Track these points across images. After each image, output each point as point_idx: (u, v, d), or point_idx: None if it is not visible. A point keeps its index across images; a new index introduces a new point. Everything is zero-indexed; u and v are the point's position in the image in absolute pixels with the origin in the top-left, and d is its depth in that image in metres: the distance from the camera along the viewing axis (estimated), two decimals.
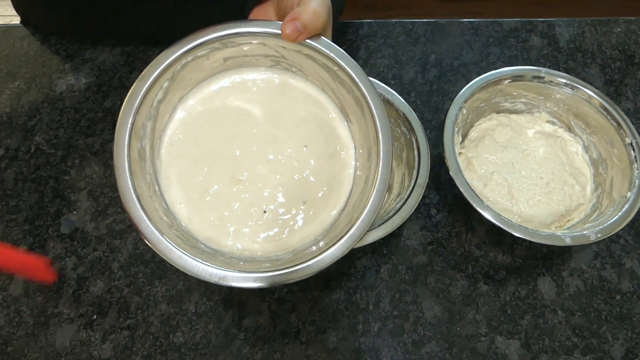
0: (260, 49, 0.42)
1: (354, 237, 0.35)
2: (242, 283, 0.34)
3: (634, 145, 0.50)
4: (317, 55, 0.40)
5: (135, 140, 0.38)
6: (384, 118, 0.38)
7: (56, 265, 0.51)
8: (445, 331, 0.48)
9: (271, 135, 0.42)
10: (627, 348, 0.47)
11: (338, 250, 0.35)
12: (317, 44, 0.39)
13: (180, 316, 0.48)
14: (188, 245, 0.37)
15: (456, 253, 0.52)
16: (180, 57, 0.40)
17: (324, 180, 0.41)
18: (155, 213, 0.36)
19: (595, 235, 0.44)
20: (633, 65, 0.66)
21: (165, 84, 0.41)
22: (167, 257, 0.35)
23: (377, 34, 0.68)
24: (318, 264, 0.35)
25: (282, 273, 0.34)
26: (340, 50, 0.40)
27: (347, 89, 0.41)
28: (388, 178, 0.37)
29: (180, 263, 0.35)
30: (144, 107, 0.39)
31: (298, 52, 0.41)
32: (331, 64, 0.40)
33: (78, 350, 0.47)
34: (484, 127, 0.57)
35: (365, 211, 0.36)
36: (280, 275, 0.34)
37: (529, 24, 0.69)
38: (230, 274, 0.34)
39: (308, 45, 0.39)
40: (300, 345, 0.47)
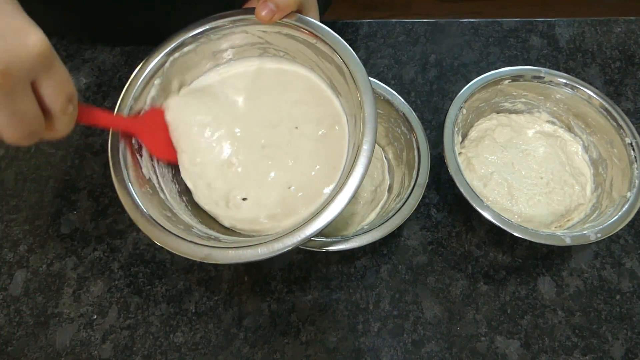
0: (244, 37, 0.43)
1: (341, 203, 0.34)
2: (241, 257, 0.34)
3: (634, 145, 0.50)
4: (296, 33, 0.41)
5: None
6: (365, 81, 0.38)
7: (56, 265, 0.51)
8: (445, 331, 0.48)
9: (267, 120, 0.43)
10: (627, 348, 0.47)
11: (327, 216, 0.34)
12: (294, 20, 0.40)
13: (180, 316, 0.48)
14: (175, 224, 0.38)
15: (456, 253, 0.52)
16: (167, 55, 0.42)
17: (317, 159, 0.41)
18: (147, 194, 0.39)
19: (595, 235, 0.44)
20: (633, 65, 0.66)
21: (157, 81, 0.42)
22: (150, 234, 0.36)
23: (377, 34, 0.68)
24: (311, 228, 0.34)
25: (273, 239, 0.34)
26: (317, 22, 0.41)
27: (329, 60, 0.42)
28: (374, 140, 0.36)
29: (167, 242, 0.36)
30: (138, 103, 0.41)
31: (279, 34, 0.42)
32: (310, 38, 0.41)
33: (78, 350, 0.47)
34: (484, 127, 0.57)
35: (352, 174, 0.35)
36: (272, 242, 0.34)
37: (529, 24, 0.69)
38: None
39: (285, 23, 0.41)
40: (300, 345, 0.47)
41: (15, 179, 0.56)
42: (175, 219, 0.39)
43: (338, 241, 0.44)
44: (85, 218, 0.54)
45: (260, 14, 0.39)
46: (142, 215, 0.37)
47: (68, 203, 0.55)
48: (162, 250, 0.52)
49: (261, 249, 0.34)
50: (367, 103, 0.37)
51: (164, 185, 0.42)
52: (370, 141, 0.36)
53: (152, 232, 0.36)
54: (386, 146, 0.57)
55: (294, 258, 0.51)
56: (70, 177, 0.56)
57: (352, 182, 0.35)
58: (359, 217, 0.52)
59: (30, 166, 0.57)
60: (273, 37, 0.43)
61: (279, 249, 0.34)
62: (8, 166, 0.57)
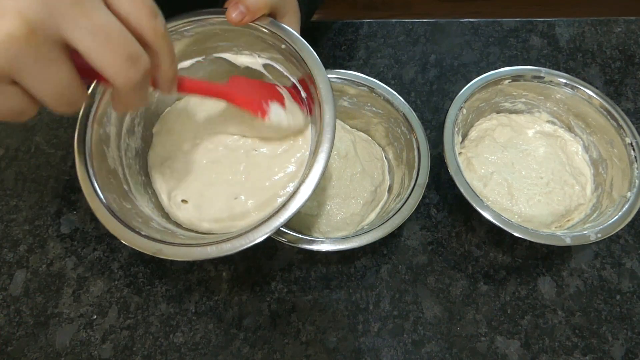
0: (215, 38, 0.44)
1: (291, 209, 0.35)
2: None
3: (634, 145, 0.50)
4: (265, 36, 0.42)
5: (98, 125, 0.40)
6: (327, 90, 0.39)
7: (56, 265, 0.51)
8: (445, 331, 0.48)
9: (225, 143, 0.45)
10: (627, 348, 0.47)
11: (277, 220, 0.35)
12: (265, 25, 0.41)
13: (180, 316, 0.48)
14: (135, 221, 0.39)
15: (456, 253, 0.52)
16: None
17: (272, 172, 0.43)
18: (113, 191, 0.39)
19: (595, 235, 0.44)
20: (633, 65, 0.66)
21: None
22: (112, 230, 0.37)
23: (377, 34, 0.68)
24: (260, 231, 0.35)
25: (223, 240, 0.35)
26: (287, 28, 0.41)
27: (297, 67, 0.42)
28: (330, 149, 0.37)
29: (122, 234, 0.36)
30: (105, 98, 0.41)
31: (250, 36, 0.43)
32: (278, 42, 0.42)
33: (78, 350, 0.47)
34: (484, 127, 0.57)
35: (305, 181, 0.36)
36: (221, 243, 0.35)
37: (529, 24, 0.69)
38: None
39: (254, 27, 0.41)
40: (300, 345, 0.47)
41: (15, 179, 0.56)
42: (135, 211, 0.40)
43: (338, 241, 0.44)
44: (85, 218, 0.54)
45: (230, 16, 0.39)
46: (102, 206, 0.37)
47: (68, 203, 0.55)
48: None
49: (210, 248, 0.35)
50: (327, 112, 0.38)
51: (130, 176, 0.43)
52: (326, 150, 0.37)
53: (109, 224, 0.37)
54: (386, 146, 0.57)
55: (294, 258, 0.51)
56: (70, 177, 0.56)
57: (305, 189, 0.35)
58: (359, 217, 0.52)
59: (30, 166, 0.57)
60: (245, 39, 0.44)
61: (228, 249, 0.34)
62: (8, 166, 0.57)
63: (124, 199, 0.40)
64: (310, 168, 0.36)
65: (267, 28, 0.41)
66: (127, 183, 0.42)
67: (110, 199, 0.38)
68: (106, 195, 0.38)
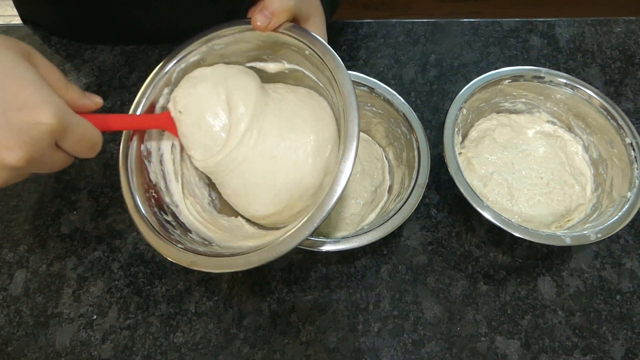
0: (244, 46, 0.44)
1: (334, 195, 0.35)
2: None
3: (634, 145, 0.50)
4: (291, 41, 0.42)
5: (140, 142, 0.43)
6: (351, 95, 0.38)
7: (56, 265, 0.51)
8: (445, 331, 0.48)
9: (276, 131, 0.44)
10: (627, 348, 0.47)
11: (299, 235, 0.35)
12: (287, 30, 0.41)
13: (180, 316, 0.48)
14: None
15: (456, 253, 0.52)
16: (175, 65, 0.43)
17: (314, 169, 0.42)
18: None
19: (595, 235, 0.44)
20: (633, 65, 0.66)
21: (165, 90, 0.44)
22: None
23: (377, 34, 0.68)
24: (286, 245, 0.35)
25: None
26: (311, 34, 0.41)
27: (321, 70, 0.41)
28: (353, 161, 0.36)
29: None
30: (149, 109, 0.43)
31: (275, 43, 0.43)
32: (303, 48, 0.41)
33: (78, 350, 0.47)
34: (484, 127, 0.57)
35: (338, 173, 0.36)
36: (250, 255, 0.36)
37: (529, 24, 0.69)
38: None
39: (282, 33, 0.41)
40: (300, 345, 0.47)
41: None
42: (175, 223, 0.41)
43: (338, 241, 0.44)
44: (85, 218, 0.54)
45: (256, 23, 0.40)
46: (143, 220, 0.39)
47: (68, 203, 0.55)
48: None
49: (240, 259, 0.36)
50: (351, 122, 0.37)
51: (171, 186, 0.44)
52: (350, 162, 0.36)
53: (149, 237, 0.39)
54: (387, 146, 0.57)
55: (294, 258, 0.51)
56: (70, 177, 0.56)
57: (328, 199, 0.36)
58: (359, 218, 0.52)
59: None
60: (271, 46, 0.44)
61: (256, 261, 0.35)
62: None
63: (164, 210, 0.42)
64: (335, 179, 0.36)
65: (289, 34, 0.41)
66: (169, 194, 0.43)
67: (149, 211, 0.40)
68: (146, 208, 0.40)
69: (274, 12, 0.39)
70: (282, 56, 0.44)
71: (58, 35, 0.66)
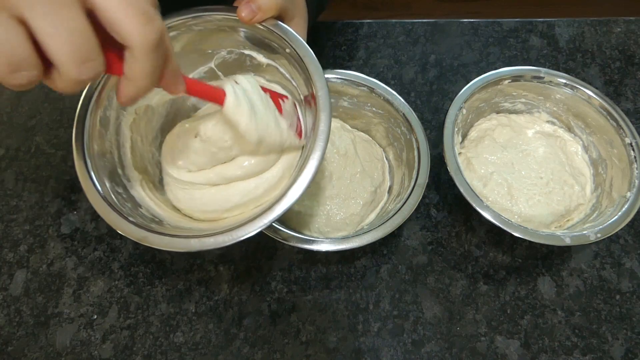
0: (223, 34, 0.44)
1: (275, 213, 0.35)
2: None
3: (634, 145, 0.50)
4: (273, 38, 0.42)
5: (99, 108, 0.41)
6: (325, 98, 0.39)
7: (56, 265, 0.51)
8: (445, 331, 0.48)
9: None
10: (626, 348, 0.47)
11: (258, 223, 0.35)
12: (270, 26, 0.41)
13: (180, 316, 0.48)
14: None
15: (456, 253, 0.52)
16: None
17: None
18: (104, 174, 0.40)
19: (595, 235, 0.44)
20: (633, 66, 0.66)
21: None
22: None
23: (377, 34, 0.68)
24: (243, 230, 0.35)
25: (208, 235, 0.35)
26: (292, 31, 0.41)
27: (299, 71, 0.42)
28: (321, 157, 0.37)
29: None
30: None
31: (255, 36, 0.43)
32: (283, 45, 0.42)
33: (78, 350, 0.47)
34: (484, 127, 0.57)
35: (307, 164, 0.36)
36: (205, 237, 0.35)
37: (528, 24, 0.69)
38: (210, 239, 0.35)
39: (262, 28, 0.41)
40: (300, 345, 0.47)
41: (16, 179, 0.56)
42: (126, 196, 0.41)
43: (338, 241, 0.44)
44: (85, 218, 0.54)
45: (241, 14, 0.40)
46: (95, 190, 0.38)
47: (68, 203, 0.55)
48: (162, 250, 0.52)
49: (194, 241, 0.35)
50: (322, 121, 0.38)
51: (125, 158, 0.43)
52: (318, 157, 0.37)
53: (99, 206, 0.38)
54: (387, 147, 0.57)
55: (294, 258, 0.51)
56: (70, 177, 0.56)
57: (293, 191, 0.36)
58: (359, 218, 0.52)
59: (30, 166, 0.57)
60: (251, 37, 0.44)
61: (210, 244, 0.35)
62: (8, 166, 0.57)
63: (116, 182, 0.41)
64: (301, 170, 0.36)
65: (272, 30, 0.41)
66: (121, 166, 0.42)
67: (102, 181, 0.39)
68: (99, 179, 0.39)
69: (260, 7, 0.40)
70: (259, 50, 0.45)
71: None
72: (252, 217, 0.36)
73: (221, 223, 0.41)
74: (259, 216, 0.35)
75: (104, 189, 0.38)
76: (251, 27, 0.42)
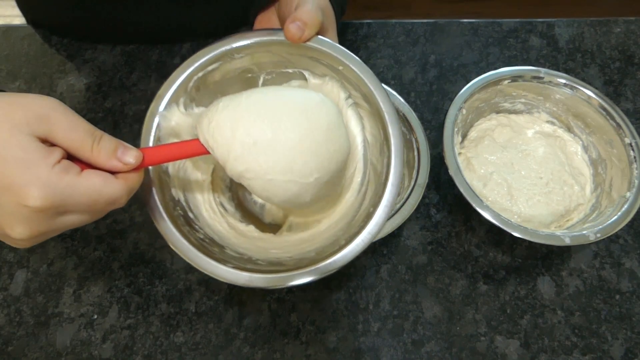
0: (268, 57, 0.43)
1: (371, 231, 0.35)
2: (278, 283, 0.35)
3: (633, 146, 0.50)
4: (321, 56, 0.41)
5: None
6: (392, 112, 0.38)
7: (57, 265, 0.51)
8: (445, 331, 0.48)
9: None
10: (626, 348, 0.47)
11: (358, 246, 0.35)
12: (320, 44, 0.40)
13: (180, 316, 0.49)
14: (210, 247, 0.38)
15: (456, 253, 0.52)
16: (191, 74, 0.41)
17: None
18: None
19: (595, 235, 0.45)
20: (632, 66, 0.66)
21: (181, 99, 0.41)
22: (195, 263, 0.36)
23: (377, 34, 0.68)
24: (342, 259, 0.35)
25: (302, 272, 0.35)
26: (343, 49, 0.40)
27: (354, 87, 0.41)
28: (401, 173, 0.36)
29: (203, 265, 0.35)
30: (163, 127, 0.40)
31: (303, 56, 0.42)
32: (335, 63, 0.40)
33: (78, 349, 0.47)
34: (484, 127, 0.57)
35: (380, 204, 0.36)
36: (300, 275, 0.35)
37: (528, 24, 0.69)
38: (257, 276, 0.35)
39: (311, 46, 0.40)
40: (300, 345, 0.47)
41: None
42: (209, 240, 0.39)
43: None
44: None
45: (289, 33, 0.39)
46: (182, 244, 0.36)
47: None
48: (162, 250, 0.52)
49: (297, 274, 0.35)
50: (394, 136, 0.37)
51: (193, 201, 0.42)
52: (398, 173, 0.36)
53: (194, 259, 0.36)
54: None
55: None
56: None
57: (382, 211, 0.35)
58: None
59: None
60: (297, 59, 0.42)
61: (318, 272, 0.35)
62: None
63: (194, 229, 0.39)
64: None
65: (320, 48, 0.40)
66: (191, 211, 0.41)
67: (183, 232, 0.37)
68: (180, 230, 0.37)
69: (306, 23, 0.39)
70: (304, 68, 0.43)
71: (58, 35, 0.66)
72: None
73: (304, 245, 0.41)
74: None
75: (192, 240, 0.37)
76: (297, 45, 0.40)
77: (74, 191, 0.30)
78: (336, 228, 0.41)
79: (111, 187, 0.31)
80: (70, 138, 0.31)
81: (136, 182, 0.33)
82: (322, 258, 0.35)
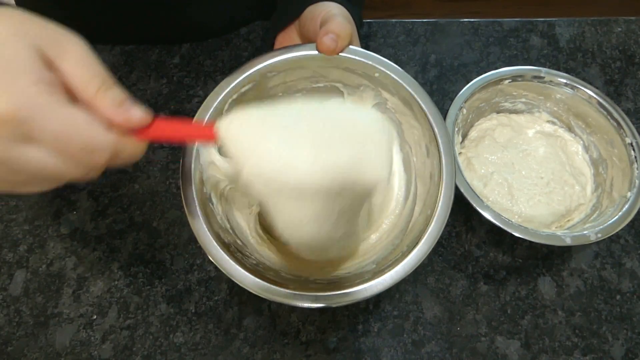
0: (298, 72, 0.42)
1: (433, 234, 0.36)
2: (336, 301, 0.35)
3: (634, 145, 0.50)
4: (355, 66, 0.40)
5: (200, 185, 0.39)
6: (436, 113, 0.38)
7: (56, 265, 0.51)
8: (445, 331, 0.48)
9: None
10: (627, 348, 0.47)
11: (421, 251, 0.35)
12: (354, 54, 0.40)
13: (180, 316, 0.48)
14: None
15: (456, 253, 0.52)
16: (226, 97, 0.40)
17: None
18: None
19: (596, 235, 0.44)
20: (633, 65, 0.66)
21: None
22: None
23: (377, 34, 0.68)
24: (404, 267, 0.35)
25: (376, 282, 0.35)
26: (377, 55, 0.40)
27: (391, 92, 0.41)
28: (454, 170, 0.36)
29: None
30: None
31: (336, 68, 0.41)
32: (370, 71, 0.40)
33: (78, 350, 0.47)
34: (484, 127, 0.57)
35: (439, 206, 0.36)
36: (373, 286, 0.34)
37: (529, 24, 0.69)
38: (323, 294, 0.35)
39: (346, 57, 0.40)
40: (300, 345, 0.47)
41: None
42: (262, 266, 0.39)
43: None
44: (85, 218, 0.54)
45: (323, 46, 0.39)
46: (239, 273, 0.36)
47: (68, 203, 0.55)
48: (161, 250, 0.52)
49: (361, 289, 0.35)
50: (440, 135, 0.38)
51: (238, 229, 0.42)
52: (451, 172, 0.36)
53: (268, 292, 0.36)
54: None
55: None
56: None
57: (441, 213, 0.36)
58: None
59: None
60: (329, 71, 0.42)
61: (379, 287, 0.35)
62: None
63: (243, 253, 0.39)
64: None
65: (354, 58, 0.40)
66: (238, 236, 0.40)
67: (235, 259, 0.37)
68: (234, 260, 0.37)
69: (339, 34, 0.39)
70: (336, 80, 0.43)
71: None
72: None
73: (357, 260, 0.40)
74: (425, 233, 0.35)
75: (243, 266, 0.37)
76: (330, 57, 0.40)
77: (48, 114, 0.25)
78: (389, 238, 0.41)
79: (95, 130, 0.26)
80: (76, 73, 0.27)
81: (129, 148, 0.28)
82: (384, 268, 0.35)
